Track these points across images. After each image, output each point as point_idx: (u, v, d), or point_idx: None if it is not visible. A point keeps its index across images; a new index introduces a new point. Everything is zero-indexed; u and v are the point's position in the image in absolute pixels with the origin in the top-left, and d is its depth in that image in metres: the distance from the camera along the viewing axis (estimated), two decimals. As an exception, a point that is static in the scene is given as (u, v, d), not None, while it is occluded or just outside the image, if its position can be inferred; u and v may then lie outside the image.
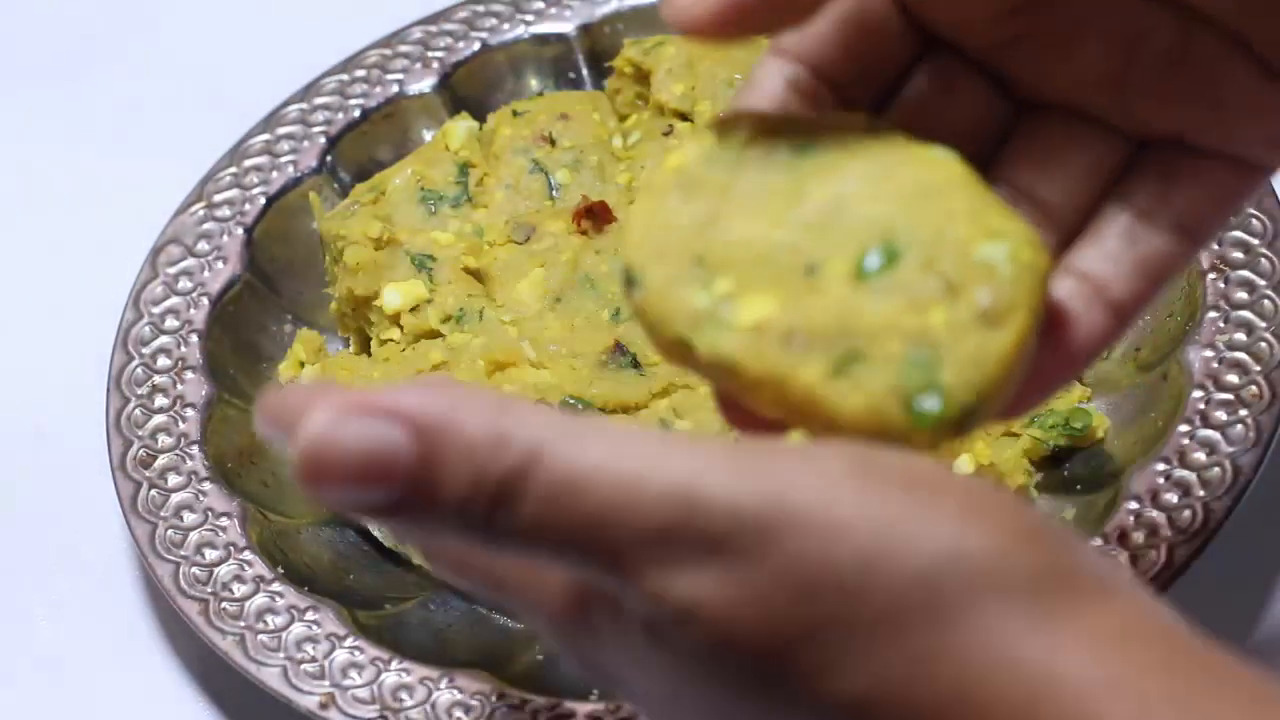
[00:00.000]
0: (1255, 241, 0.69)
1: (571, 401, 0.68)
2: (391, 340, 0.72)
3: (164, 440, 0.70)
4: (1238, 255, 0.69)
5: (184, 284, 0.75)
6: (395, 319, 0.72)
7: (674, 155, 0.44)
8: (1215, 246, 0.69)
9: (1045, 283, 0.42)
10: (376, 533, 0.70)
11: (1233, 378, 0.66)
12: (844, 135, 0.43)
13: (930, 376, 0.40)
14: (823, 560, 0.37)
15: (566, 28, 0.82)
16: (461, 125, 0.78)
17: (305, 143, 0.79)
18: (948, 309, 0.41)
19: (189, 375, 0.72)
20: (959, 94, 0.47)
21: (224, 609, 0.65)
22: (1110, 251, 0.46)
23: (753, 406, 0.42)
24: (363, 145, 0.80)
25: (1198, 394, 0.65)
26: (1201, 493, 0.63)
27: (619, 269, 0.43)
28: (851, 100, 0.46)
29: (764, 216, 0.43)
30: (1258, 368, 0.66)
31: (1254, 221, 0.69)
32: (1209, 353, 0.66)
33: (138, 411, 0.71)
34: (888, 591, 0.37)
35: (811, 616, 0.37)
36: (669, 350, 0.43)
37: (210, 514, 0.68)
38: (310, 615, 0.65)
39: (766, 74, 0.46)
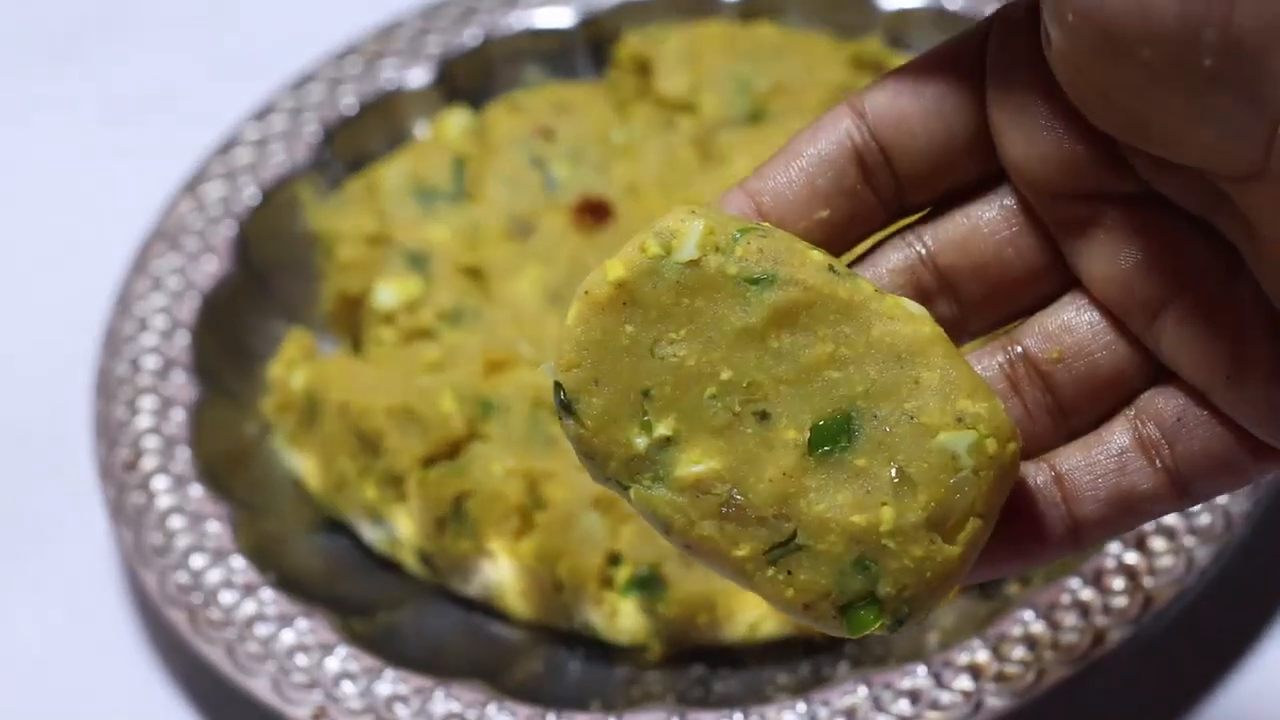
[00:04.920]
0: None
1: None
2: (385, 339, 0.71)
3: (151, 443, 0.69)
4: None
5: (173, 281, 0.73)
6: (389, 317, 0.71)
7: (614, 266, 0.41)
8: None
9: (1010, 477, 0.40)
10: (369, 538, 0.68)
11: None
12: (808, 273, 0.40)
13: (869, 587, 0.40)
14: None
15: (566, 19, 0.81)
16: (457, 118, 0.77)
17: (298, 136, 0.78)
18: (897, 508, 0.40)
19: (177, 375, 0.71)
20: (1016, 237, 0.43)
21: (211, 617, 0.64)
22: (1096, 466, 0.42)
23: (685, 555, 0.41)
24: (356, 138, 0.79)
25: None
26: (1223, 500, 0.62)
27: (551, 386, 0.40)
28: (906, 203, 0.43)
29: (714, 350, 0.40)
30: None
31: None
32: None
33: (124, 413, 0.70)
34: None
35: None
36: (604, 484, 0.41)
37: (198, 519, 0.66)
38: (301, 623, 0.63)
39: (834, 121, 0.42)
